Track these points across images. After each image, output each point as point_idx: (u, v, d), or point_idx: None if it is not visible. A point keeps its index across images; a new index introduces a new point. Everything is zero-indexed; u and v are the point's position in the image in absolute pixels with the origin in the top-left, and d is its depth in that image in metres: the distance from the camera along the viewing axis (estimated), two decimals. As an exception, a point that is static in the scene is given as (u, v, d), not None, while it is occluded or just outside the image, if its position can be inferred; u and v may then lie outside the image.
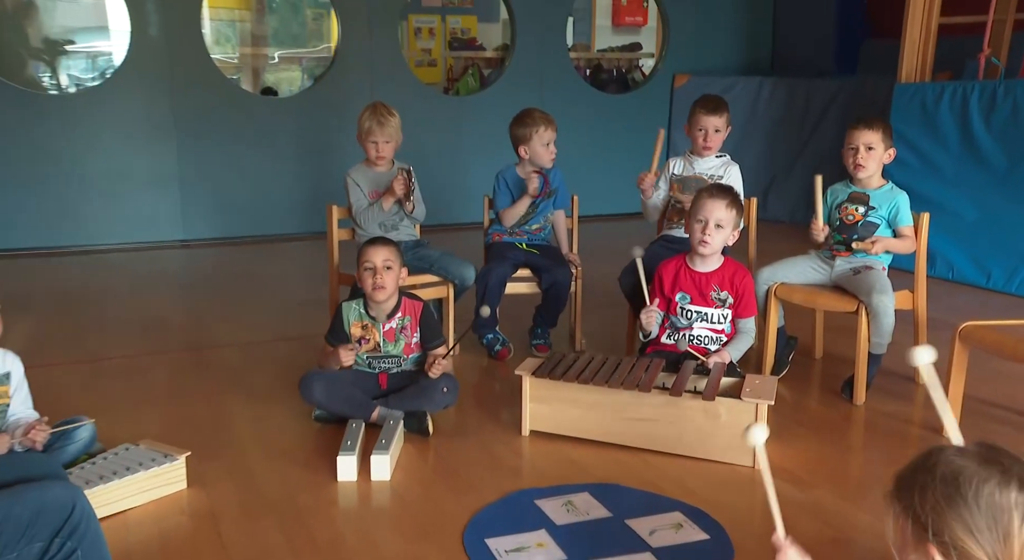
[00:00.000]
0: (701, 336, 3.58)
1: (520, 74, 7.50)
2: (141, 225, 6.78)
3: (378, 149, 4.13)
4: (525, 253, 4.23)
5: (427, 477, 3.07)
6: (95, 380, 4.03)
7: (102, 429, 3.24)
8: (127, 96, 6.62)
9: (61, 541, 1.61)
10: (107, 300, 5.43)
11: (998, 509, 1.37)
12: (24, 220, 6.48)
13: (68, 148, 6.51)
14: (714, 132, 4.11)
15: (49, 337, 4.69)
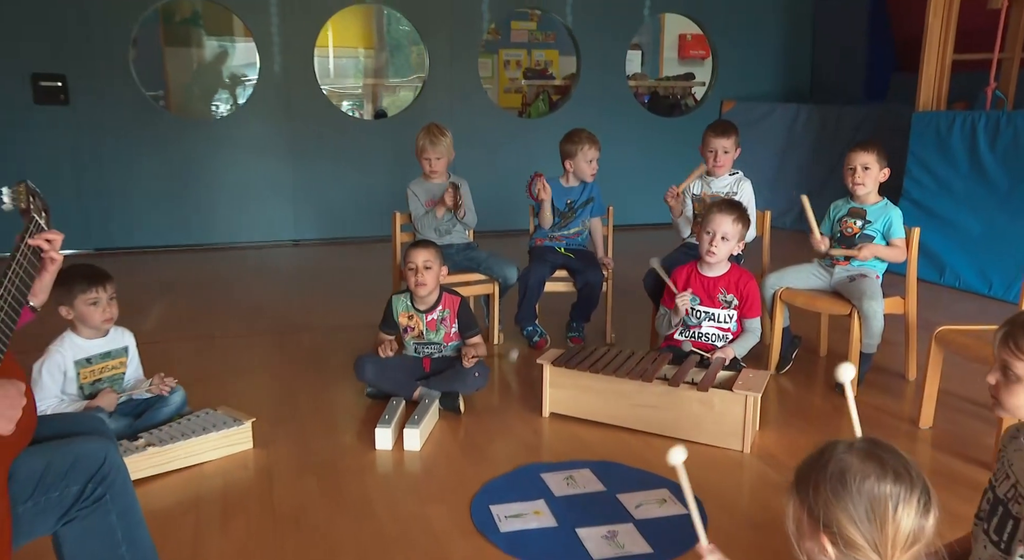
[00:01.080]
0: (709, 334, 3.48)
1: (583, 99, 7.44)
2: (261, 227, 6.97)
3: (431, 164, 4.15)
4: (563, 256, 4.19)
5: (452, 449, 3.07)
6: (201, 354, 4.17)
7: (194, 395, 3.36)
8: (255, 121, 6.83)
9: (93, 486, 1.66)
10: (226, 288, 5.61)
11: (875, 500, 1.32)
12: (171, 221, 6.76)
13: (209, 163, 6.77)
14: (723, 153, 3.99)
15: (176, 318, 4.87)
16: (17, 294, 1.68)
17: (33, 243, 1.77)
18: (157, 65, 9.03)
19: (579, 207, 4.25)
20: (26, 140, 6.31)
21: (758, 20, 7.65)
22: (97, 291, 2.99)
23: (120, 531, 1.68)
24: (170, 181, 6.71)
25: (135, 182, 6.63)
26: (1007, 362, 1.68)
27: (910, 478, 1.34)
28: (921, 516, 1.32)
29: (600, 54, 7.39)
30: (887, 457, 1.37)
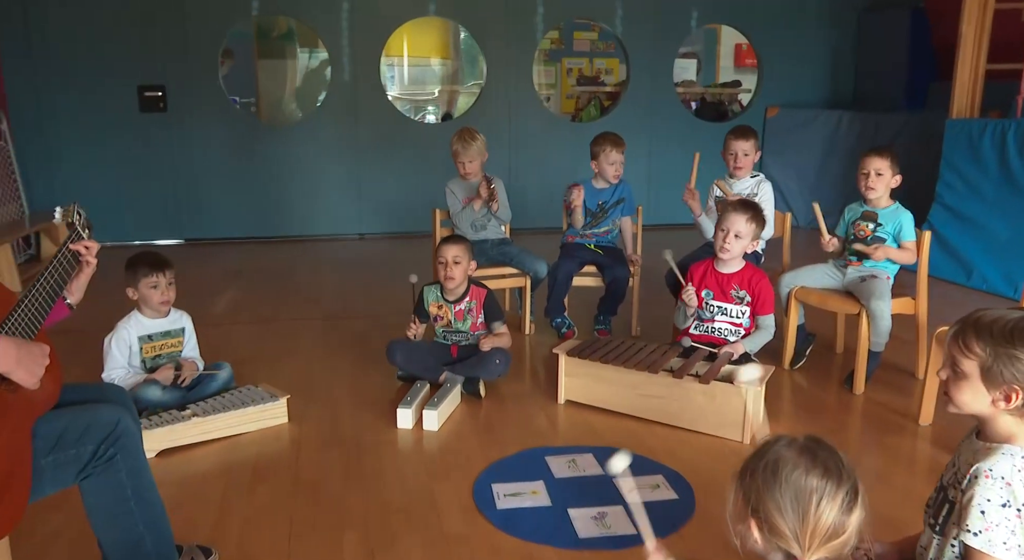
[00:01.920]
0: (721, 328, 3.41)
1: (632, 105, 7.35)
2: (330, 221, 7.13)
3: (465, 167, 4.17)
4: (591, 252, 4.17)
5: (467, 431, 3.10)
6: (258, 336, 4.29)
7: (245, 372, 3.48)
8: (326, 125, 6.99)
9: (105, 447, 1.74)
10: (290, 277, 5.75)
11: (800, 491, 1.30)
12: (251, 215, 6.98)
13: (286, 163, 6.95)
14: (743, 155, 3.90)
15: (242, 302, 5.02)
16: (53, 287, 1.77)
17: (73, 247, 1.87)
18: (251, 76, 9.34)
19: (610, 207, 4.22)
20: (132, 143, 6.62)
21: (803, 30, 7.40)
22: (157, 276, 3.13)
23: (129, 488, 1.76)
24: (251, 179, 6.92)
25: (221, 180, 6.87)
26: (955, 359, 1.61)
27: (839, 476, 1.31)
28: (843, 512, 1.28)
29: (649, 62, 7.29)
30: (822, 454, 1.34)
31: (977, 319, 1.60)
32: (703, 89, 9.03)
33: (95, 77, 6.44)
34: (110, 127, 6.55)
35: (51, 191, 6.54)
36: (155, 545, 1.81)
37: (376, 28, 6.87)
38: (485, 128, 7.04)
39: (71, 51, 6.37)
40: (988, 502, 1.50)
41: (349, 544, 2.28)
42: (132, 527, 1.78)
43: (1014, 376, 1.53)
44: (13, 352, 1.49)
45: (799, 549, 1.29)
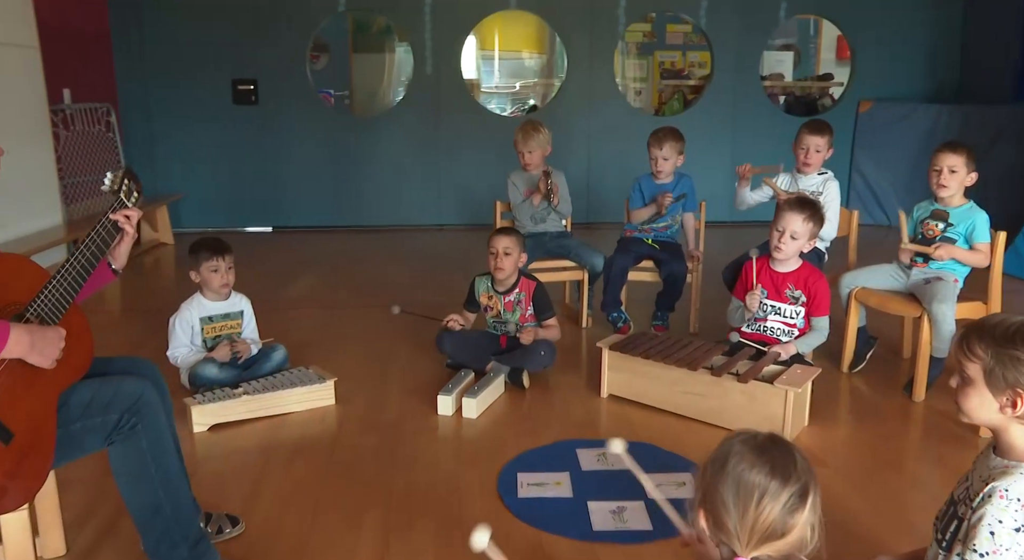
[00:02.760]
0: (774, 327, 3.32)
1: (715, 98, 7.18)
2: (410, 212, 7.29)
3: (525, 158, 4.20)
4: (648, 247, 4.12)
5: (505, 420, 3.13)
6: (322, 320, 4.46)
7: (302, 355, 3.63)
8: (408, 117, 7.15)
9: (128, 416, 1.87)
10: (363, 265, 5.92)
11: (743, 486, 1.26)
12: (334, 204, 7.23)
13: (369, 154, 7.16)
14: (814, 151, 3.77)
15: (313, 288, 5.22)
16: (91, 256, 1.89)
17: (113, 217, 1.98)
18: (345, 70, 9.65)
19: (670, 203, 4.16)
20: (226, 134, 6.98)
21: (901, 18, 7.03)
22: (217, 260, 3.30)
23: (149, 455, 1.89)
24: (336, 170, 7.16)
25: (307, 170, 7.14)
26: (961, 364, 1.54)
27: (786, 475, 1.26)
28: (787, 513, 1.24)
29: (734, 54, 7.10)
30: (774, 452, 1.30)
31: (981, 322, 1.54)
32: (791, 83, 8.70)
33: (193, 72, 6.81)
34: (205, 119, 6.91)
35: (152, 179, 6.96)
36: (174, 510, 1.93)
37: (458, 22, 6.98)
38: (564, 121, 7.10)
39: (172, 48, 6.75)
40: (1000, 524, 1.43)
41: (368, 523, 2.36)
42: (152, 492, 1.90)
43: (1017, 379, 1.46)
44: (26, 338, 1.62)
45: (739, 545, 1.27)
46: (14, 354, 1.60)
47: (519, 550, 2.23)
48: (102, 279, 2.10)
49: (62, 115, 5.68)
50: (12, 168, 4.77)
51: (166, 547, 1.93)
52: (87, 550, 2.22)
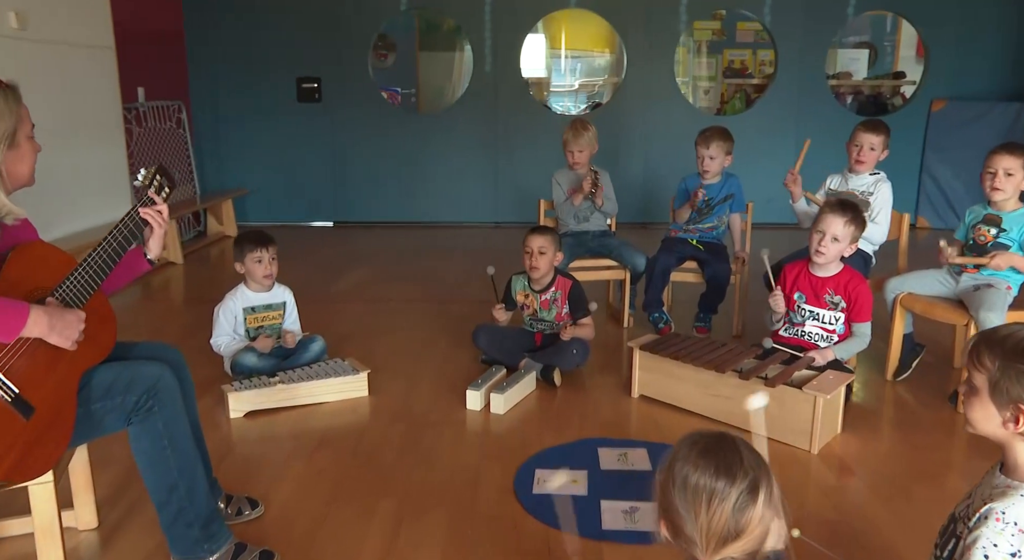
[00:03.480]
0: (812, 333, 3.24)
1: (778, 97, 7.02)
2: (467, 208, 7.36)
3: (574, 156, 4.19)
4: (692, 248, 4.07)
5: (532, 417, 3.15)
6: (367, 313, 4.55)
7: (343, 347, 3.73)
8: (467, 115, 7.24)
9: (146, 399, 1.96)
10: (418, 260, 6.01)
11: (692, 491, 1.24)
12: (395, 200, 7.37)
13: (429, 151, 7.28)
14: (869, 149, 3.65)
15: (364, 282, 5.34)
16: (117, 247, 1.99)
17: (143, 212, 2.09)
18: (412, 67, 9.81)
19: (716, 204, 4.10)
20: (290, 131, 7.20)
21: (977, 13, 6.72)
22: (261, 251, 3.41)
23: (165, 437, 1.98)
24: (396, 166, 7.29)
25: (368, 166, 7.29)
26: (969, 373, 1.49)
27: (731, 475, 1.24)
28: (738, 512, 1.22)
29: (799, 52, 6.93)
30: (719, 453, 1.27)
31: (993, 332, 1.48)
32: (860, 82, 8.42)
33: (260, 71, 7.04)
34: (271, 116, 7.14)
35: (220, 174, 7.24)
36: (188, 490, 2.01)
37: (518, 20, 7.01)
38: (621, 120, 7.06)
39: (242, 48, 7.00)
40: (995, 548, 1.38)
41: (382, 511, 2.41)
42: (167, 472, 1.99)
43: (1020, 394, 1.40)
44: (45, 320, 1.71)
45: (699, 550, 1.25)
46: (34, 334, 1.70)
47: (526, 545, 2.24)
48: (138, 269, 2.20)
49: (135, 112, 5.95)
50: (86, 162, 5.05)
51: (181, 525, 2.02)
52: (117, 525, 2.34)
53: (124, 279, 2.17)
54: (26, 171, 1.86)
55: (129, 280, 2.20)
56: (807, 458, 2.75)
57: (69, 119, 4.89)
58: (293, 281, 3.57)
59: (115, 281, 2.14)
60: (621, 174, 7.05)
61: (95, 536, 2.30)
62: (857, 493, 2.53)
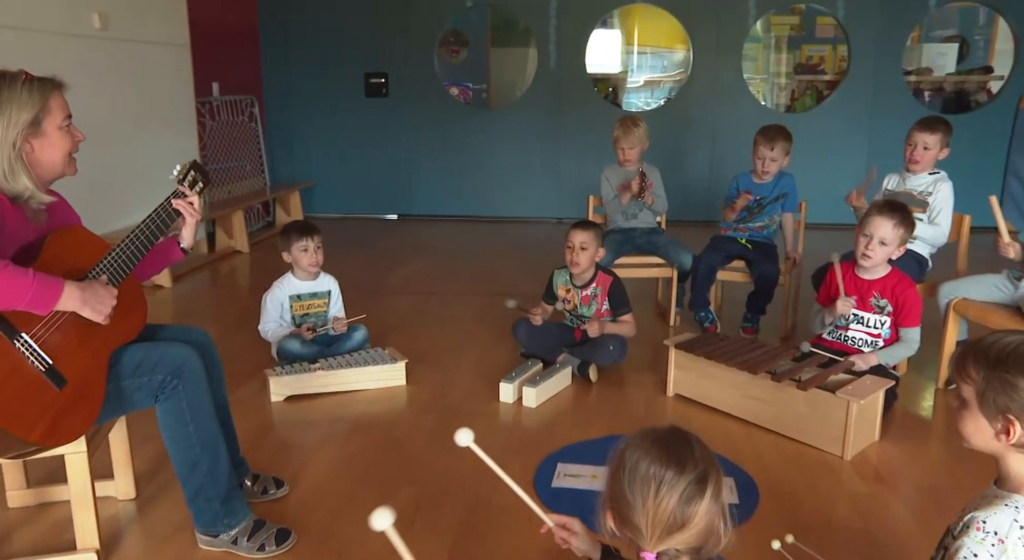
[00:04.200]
0: (855, 337, 3.15)
1: (851, 94, 6.78)
2: (530, 204, 7.39)
3: (624, 153, 4.16)
4: (740, 247, 4.00)
5: (564, 411, 3.16)
6: (417, 305, 4.64)
7: (388, 337, 3.82)
8: (531, 110, 7.27)
9: (171, 379, 2.07)
10: (475, 254, 6.08)
11: (641, 479, 1.26)
12: (458, 194, 7.47)
13: (493, 146, 7.36)
14: (923, 149, 3.52)
15: (418, 274, 5.43)
16: (150, 234, 2.10)
17: (176, 202, 2.20)
18: (484, 63, 9.90)
19: (768, 203, 4.01)
20: (358, 125, 7.38)
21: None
22: (306, 241, 3.53)
23: (188, 415, 2.08)
24: (460, 161, 7.39)
25: (432, 161, 7.42)
26: (959, 386, 1.44)
27: (681, 465, 1.24)
28: (684, 503, 1.22)
29: (874, 47, 6.68)
30: (670, 443, 1.29)
31: (978, 342, 1.43)
32: (941, 77, 8.06)
33: (329, 66, 7.24)
34: (339, 110, 7.33)
35: (290, 166, 7.48)
36: (209, 467, 2.11)
37: (582, 15, 7.00)
38: (687, 117, 6.96)
39: (313, 44, 7.21)
40: (975, 558, 1.33)
41: (401, 497, 2.47)
42: (190, 448, 2.09)
43: (1007, 405, 1.34)
44: (78, 294, 1.83)
45: (644, 539, 1.25)
46: (68, 307, 1.82)
47: (537, 536, 2.25)
48: (172, 256, 2.32)
49: (209, 106, 6.21)
50: (160, 154, 5.30)
51: (203, 500, 2.13)
52: (152, 497, 2.47)
53: (158, 265, 2.29)
54: (58, 158, 1.98)
55: (163, 266, 2.32)
56: (838, 464, 2.68)
57: (145, 113, 5.15)
58: (351, 272, 3.67)
59: (150, 267, 2.26)
60: (686, 172, 6.97)
61: (132, 506, 2.44)
62: (887, 503, 2.45)
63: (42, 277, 1.76)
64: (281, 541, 2.17)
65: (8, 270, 1.70)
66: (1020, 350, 1.33)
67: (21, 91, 1.86)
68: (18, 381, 1.78)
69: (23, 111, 1.86)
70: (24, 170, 1.89)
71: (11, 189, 1.88)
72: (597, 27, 7.38)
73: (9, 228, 1.87)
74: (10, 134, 1.85)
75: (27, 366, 1.80)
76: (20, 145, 1.88)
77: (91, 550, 2.10)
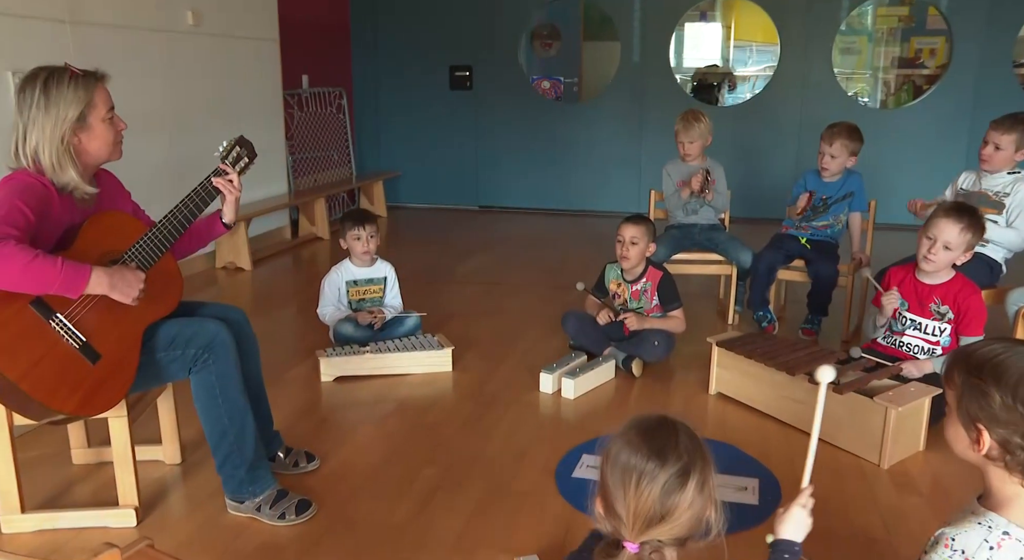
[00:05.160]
0: (911, 344, 3.02)
1: (951, 89, 6.40)
2: (612, 198, 7.35)
3: (685, 148, 4.10)
4: (800, 246, 3.88)
5: (600, 404, 3.17)
6: (479, 295, 4.72)
7: (441, 323, 3.91)
8: (614, 105, 7.23)
9: (203, 353, 2.21)
10: (548, 247, 6.11)
11: (625, 470, 1.27)
12: (538, 187, 7.51)
13: (575, 140, 7.36)
14: (994, 149, 3.32)
15: (488, 265, 5.52)
16: (187, 213, 2.23)
17: (215, 181, 2.34)
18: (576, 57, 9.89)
19: (833, 202, 3.88)
20: (442, 117, 7.53)
21: None
22: (359, 229, 3.66)
23: (217, 388, 2.22)
24: (541, 154, 7.43)
25: (514, 153, 7.49)
26: (945, 391, 1.39)
27: (663, 457, 1.25)
28: (666, 494, 1.23)
29: (980, 39, 6.29)
30: (656, 434, 1.29)
31: (967, 347, 1.38)
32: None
33: (416, 59, 7.42)
34: (424, 103, 7.50)
35: (376, 157, 7.70)
36: (236, 437, 2.25)
37: (667, 10, 6.90)
38: (773, 112, 6.76)
39: (401, 37, 7.41)
40: None
41: (424, 477, 2.55)
42: (218, 418, 2.23)
43: (978, 413, 1.29)
44: (106, 279, 1.98)
45: (626, 530, 1.27)
46: (96, 290, 1.98)
47: (548, 523, 2.30)
48: (215, 232, 2.46)
49: (297, 98, 6.48)
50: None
51: (230, 467, 2.27)
52: (196, 463, 2.64)
53: (201, 241, 2.44)
54: (102, 148, 2.13)
55: (206, 242, 2.46)
56: (874, 472, 2.59)
57: (232, 104, 5.43)
58: (423, 260, 3.75)
59: (192, 242, 2.41)
60: (770, 168, 6.78)
61: (178, 470, 2.61)
62: (918, 516, 2.35)
63: (70, 265, 1.91)
64: (301, 511, 2.29)
65: (38, 261, 1.85)
66: (998, 359, 1.27)
67: (68, 88, 2.02)
68: (54, 358, 1.95)
69: (70, 108, 2.02)
70: (72, 163, 2.05)
71: (59, 180, 2.05)
72: (696, 21, 7.27)
73: (55, 214, 2.04)
74: (59, 131, 2.02)
75: (62, 343, 1.97)
76: (68, 140, 2.04)
77: (130, 506, 2.28)
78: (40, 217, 2.00)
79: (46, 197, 2.03)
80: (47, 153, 2.01)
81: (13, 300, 1.92)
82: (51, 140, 2.01)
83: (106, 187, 2.29)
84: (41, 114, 2.00)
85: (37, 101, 2.01)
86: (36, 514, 2.28)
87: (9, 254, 1.83)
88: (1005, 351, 1.28)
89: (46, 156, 2.02)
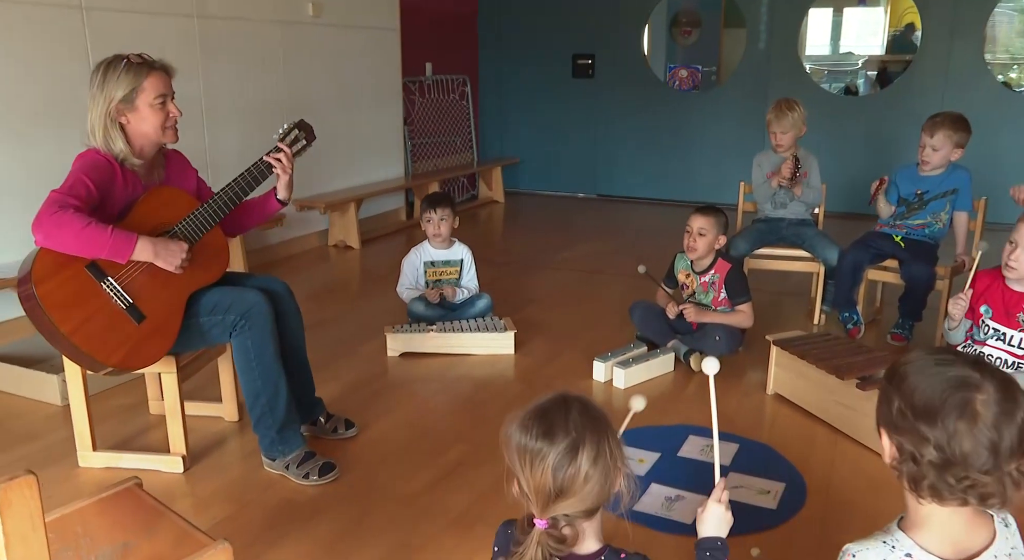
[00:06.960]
0: (992, 355, 2.76)
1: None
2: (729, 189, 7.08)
3: (776, 138, 3.92)
4: (893, 245, 3.61)
5: (651, 395, 3.04)
6: (568, 282, 4.75)
7: (519, 307, 3.99)
8: (738, 93, 6.97)
9: (242, 320, 2.38)
10: (653, 237, 5.96)
11: (519, 452, 1.29)
12: (656, 177, 7.38)
13: (695, 129, 7.17)
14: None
15: (587, 253, 5.51)
16: (239, 190, 2.42)
17: (267, 158, 2.52)
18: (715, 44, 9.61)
19: (931, 199, 3.59)
20: (564, 105, 7.56)
21: None
22: (431, 212, 3.77)
23: (252, 353, 2.38)
24: (660, 143, 7.30)
25: (634, 141, 7.40)
26: None
27: (551, 436, 1.26)
28: (559, 469, 1.24)
29: None
30: (548, 415, 1.30)
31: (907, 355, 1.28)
32: None
33: (540, 47, 7.48)
34: (547, 91, 7.55)
35: (498, 143, 7.84)
36: (269, 399, 2.42)
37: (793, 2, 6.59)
38: (912, 100, 6.28)
39: (526, 25, 7.49)
40: None
41: (450, 454, 2.63)
42: (253, 381, 2.41)
43: (879, 418, 1.22)
44: (150, 247, 2.19)
45: (535, 508, 1.29)
46: (142, 257, 2.20)
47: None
48: (270, 208, 2.64)
49: (419, 85, 6.71)
50: (367, 128, 5.87)
51: (263, 427, 2.46)
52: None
53: (256, 217, 2.63)
54: (150, 130, 2.34)
55: (261, 218, 2.65)
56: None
57: (352, 92, 5.72)
58: (528, 247, 3.82)
59: (248, 219, 2.61)
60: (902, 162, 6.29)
61: (235, 427, 2.84)
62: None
63: (119, 233, 2.14)
64: (324, 473, 2.44)
65: (91, 227, 2.10)
66: (906, 368, 1.19)
67: (120, 73, 2.25)
68: (103, 316, 2.19)
69: (118, 89, 2.26)
70: (120, 136, 2.29)
71: (111, 149, 2.29)
72: (855, 6, 6.87)
73: (118, 189, 2.28)
74: (104, 105, 2.26)
75: (111, 303, 2.21)
76: (115, 116, 2.28)
77: (179, 455, 2.51)
78: (103, 191, 2.24)
79: (110, 173, 2.28)
80: (98, 126, 2.26)
81: (71, 263, 2.17)
82: (100, 116, 2.26)
83: (173, 165, 2.53)
84: (97, 93, 2.25)
85: (97, 83, 2.26)
86: (104, 453, 2.56)
87: (68, 220, 2.08)
88: (918, 360, 1.18)
89: (99, 129, 2.27)
